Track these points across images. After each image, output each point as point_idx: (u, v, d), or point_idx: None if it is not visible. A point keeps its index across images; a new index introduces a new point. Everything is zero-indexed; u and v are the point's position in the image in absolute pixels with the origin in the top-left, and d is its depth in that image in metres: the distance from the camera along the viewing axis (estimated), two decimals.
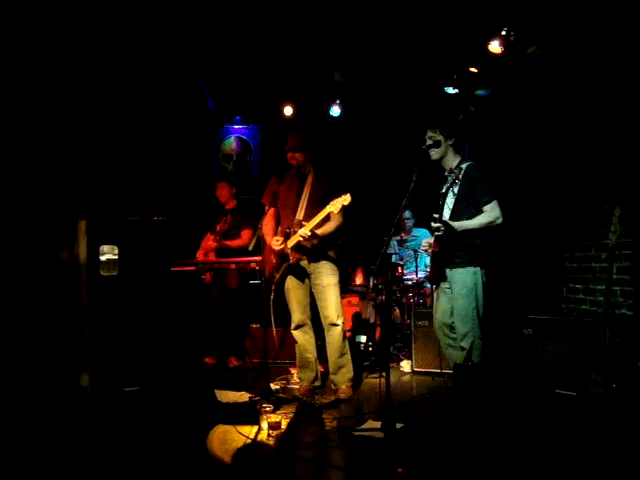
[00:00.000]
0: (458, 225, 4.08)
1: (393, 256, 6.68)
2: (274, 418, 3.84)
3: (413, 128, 6.82)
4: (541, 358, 4.53)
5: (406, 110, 7.05)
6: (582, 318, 4.83)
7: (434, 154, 4.29)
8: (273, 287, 4.79)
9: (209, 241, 6.13)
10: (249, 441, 3.63)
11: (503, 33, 5.23)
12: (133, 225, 4.96)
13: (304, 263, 4.73)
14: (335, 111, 7.36)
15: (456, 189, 4.18)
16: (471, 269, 4.16)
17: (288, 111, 7.43)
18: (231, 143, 8.16)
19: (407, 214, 6.89)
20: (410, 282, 6.50)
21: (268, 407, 4.08)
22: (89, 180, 5.68)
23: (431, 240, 4.35)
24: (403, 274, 6.52)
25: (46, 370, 4.55)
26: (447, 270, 4.23)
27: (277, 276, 4.75)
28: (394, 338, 6.37)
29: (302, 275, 4.79)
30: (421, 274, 6.58)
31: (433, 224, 4.12)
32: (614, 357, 3.73)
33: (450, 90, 6.42)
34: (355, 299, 6.50)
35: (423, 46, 5.89)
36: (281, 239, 4.69)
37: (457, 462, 3.27)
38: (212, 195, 6.31)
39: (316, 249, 4.67)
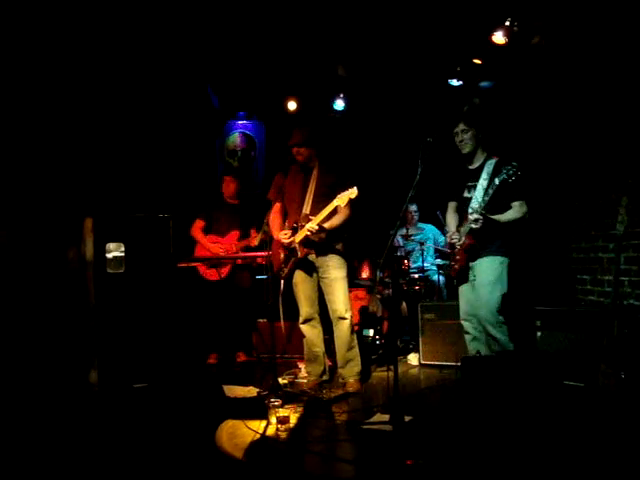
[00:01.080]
0: (495, 218, 4.15)
1: (399, 250, 6.67)
2: (282, 412, 3.84)
3: (418, 121, 6.85)
4: (550, 350, 4.53)
5: (410, 103, 7.04)
6: (590, 309, 4.82)
7: (466, 147, 4.35)
8: (282, 282, 4.80)
9: (233, 238, 6.00)
10: (258, 436, 3.63)
11: (507, 24, 5.19)
12: (139, 222, 4.98)
13: (312, 257, 4.72)
14: (339, 105, 7.35)
15: (485, 184, 4.21)
16: (499, 258, 4.23)
17: (292, 106, 7.42)
18: (235, 139, 8.15)
19: (413, 207, 6.89)
20: (416, 275, 6.51)
21: (276, 402, 4.09)
22: (95, 178, 5.70)
23: (454, 234, 4.39)
24: (409, 267, 6.52)
25: (55, 367, 4.58)
26: (473, 262, 4.31)
27: (285, 270, 4.75)
28: (402, 331, 6.37)
29: (310, 269, 4.79)
30: (428, 266, 6.59)
31: (472, 216, 4.15)
32: (622, 348, 3.72)
33: (454, 82, 6.40)
34: (362, 293, 6.50)
35: (426, 38, 5.87)
36: (289, 233, 4.68)
37: (466, 454, 3.27)
38: (217, 191, 6.28)
39: (324, 243, 4.66)
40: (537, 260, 5.88)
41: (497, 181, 4.04)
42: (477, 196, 4.23)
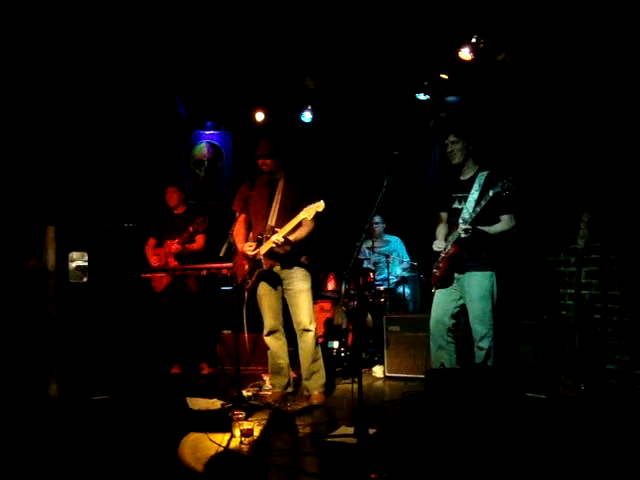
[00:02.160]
0: (485, 230, 4.20)
1: (365, 262, 6.69)
2: (246, 425, 3.80)
3: (384, 134, 6.91)
4: (514, 362, 4.59)
5: (377, 116, 7.09)
6: (551, 322, 4.89)
7: (456, 157, 4.40)
8: (246, 294, 4.76)
9: (168, 247, 5.89)
10: (221, 449, 3.59)
11: (473, 40, 5.29)
12: (103, 231, 4.91)
13: (277, 269, 4.71)
14: (307, 117, 7.37)
15: (476, 194, 4.26)
16: (489, 272, 4.29)
17: (260, 117, 7.42)
18: (202, 148, 8.10)
19: (377, 219, 6.90)
20: (382, 287, 6.53)
21: (240, 414, 4.05)
22: (58, 185, 5.61)
23: (440, 242, 4.44)
24: (375, 280, 6.55)
25: (13, 379, 4.47)
26: (458, 273, 4.35)
27: (250, 282, 4.72)
28: (367, 343, 6.38)
29: (274, 281, 4.77)
30: (393, 279, 6.62)
31: (462, 226, 4.18)
32: (583, 360, 3.78)
33: (421, 96, 6.47)
34: (327, 305, 6.50)
35: (394, 53, 5.93)
36: (254, 245, 4.66)
37: (430, 467, 3.28)
38: (184, 200, 6.23)
39: (289, 255, 4.65)
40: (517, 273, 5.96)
41: (491, 193, 4.08)
42: (468, 207, 4.27)
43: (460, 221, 4.26)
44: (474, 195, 4.28)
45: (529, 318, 4.94)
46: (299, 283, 4.69)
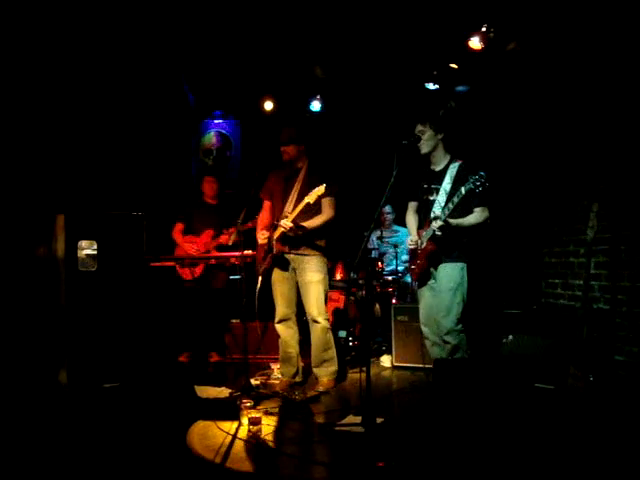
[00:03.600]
0: (456, 223, 4.12)
1: (373, 252, 6.69)
2: (254, 414, 3.83)
3: (393, 123, 6.88)
4: (521, 353, 4.58)
5: (386, 106, 7.06)
6: (560, 313, 4.88)
7: (423, 147, 4.31)
8: (259, 280, 4.82)
9: (207, 236, 5.95)
10: (229, 437, 3.61)
11: (483, 29, 5.24)
12: (112, 220, 4.92)
13: (290, 257, 4.76)
14: (315, 106, 7.35)
15: (448, 187, 4.20)
16: (459, 264, 4.22)
17: (268, 106, 7.40)
18: (211, 138, 8.11)
19: (387, 209, 6.91)
20: (390, 277, 6.53)
21: (248, 403, 4.07)
22: (67, 174, 5.62)
23: (415, 237, 4.38)
24: (383, 269, 6.54)
25: (24, 367, 4.50)
26: (435, 269, 4.29)
27: (263, 266, 4.79)
28: (375, 333, 6.39)
29: (289, 269, 4.82)
30: (401, 269, 6.61)
31: (435, 223, 4.11)
32: (591, 351, 3.77)
33: (430, 86, 6.44)
34: (336, 294, 6.51)
35: (404, 42, 5.89)
36: (267, 233, 4.76)
37: (437, 456, 3.29)
38: (191, 190, 6.25)
39: (301, 241, 4.69)
40: (508, 264, 5.94)
41: (463, 190, 3.99)
42: (440, 201, 4.22)
43: (431, 216, 4.18)
44: (446, 188, 4.21)
45: (514, 308, 4.91)
46: (310, 274, 4.71)
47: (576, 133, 5.11)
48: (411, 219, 4.58)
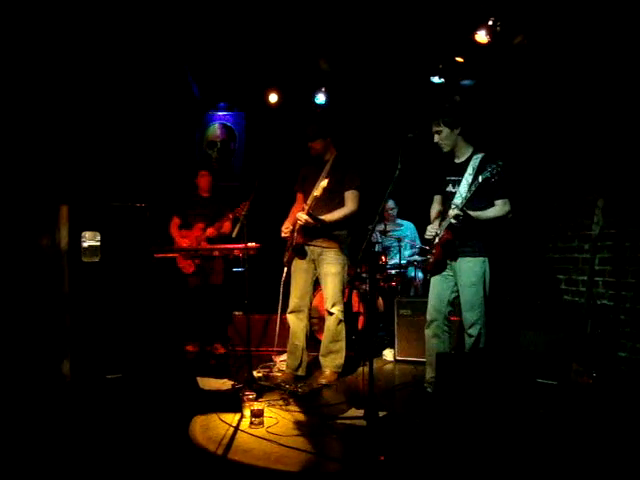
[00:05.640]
0: (476, 215, 4.11)
1: (376, 245, 6.68)
2: (257, 406, 3.83)
3: (398, 117, 6.86)
4: (524, 348, 4.57)
5: (391, 99, 7.03)
6: (564, 308, 4.87)
7: (445, 147, 4.30)
8: (284, 272, 5.05)
9: (198, 230, 6.02)
10: (231, 429, 3.62)
11: (490, 23, 5.21)
12: (115, 211, 4.92)
13: (310, 249, 4.87)
14: (320, 99, 7.33)
15: (470, 179, 4.17)
16: (481, 259, 4.22)
17: (273, 98, 7.39)
18: (215, 130, 8.09)
19: (391, 203, 6.89)
20: (393, 271, 6.52)
21: (251, 395, 4.08)
22: (71, 165, 5.61)
23: (436, 227, 4.35)
24: (387, 263, 6.53)
25: (26, 357, 4.50)
26: (451, 260, 4.28)
27: (286, 255, 4.97)
28: (377, 327, 6.39)
29: (309, 261, 4.92)
30: (405, 262, 6.61)
31: (452, 212, 4.10)
32: (595, 347, 3.76)
33: (436, 79, 6.41)
34: None
35: (409, 36, 5.87)
36: (291, 227, 4.90)
37: (438, 450, 3.29)
38: (188, 184, 6.29)
39: (319, 233, 4.79)
40: (514, 260, 5.92)
41: (480, 179, 3.98)
42: (461, 191, 4.20)
43: (452, 206, 4.17)
44: (468, 179, 4.19)
45: (528, 303, 4.92)
46: (327, 266, 4.82)
47: (582, 128, 5.08)
48: (433, 210, 4.57)
